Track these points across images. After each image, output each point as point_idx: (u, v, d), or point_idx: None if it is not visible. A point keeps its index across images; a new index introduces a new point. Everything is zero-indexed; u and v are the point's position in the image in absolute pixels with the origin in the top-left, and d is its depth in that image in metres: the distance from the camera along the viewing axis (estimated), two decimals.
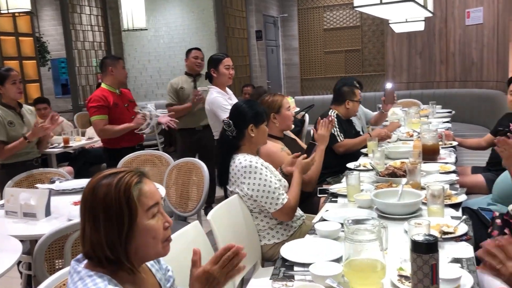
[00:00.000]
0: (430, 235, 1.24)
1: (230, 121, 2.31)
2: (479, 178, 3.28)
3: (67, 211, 2.41)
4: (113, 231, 1.09)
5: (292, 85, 8.39)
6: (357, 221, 1.52)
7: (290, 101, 4.13)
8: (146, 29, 6.32)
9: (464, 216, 1.90)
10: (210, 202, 4.24)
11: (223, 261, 1.21)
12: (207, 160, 3.36)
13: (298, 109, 4.38)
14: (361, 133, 3.99)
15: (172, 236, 1.70)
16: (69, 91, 7.52)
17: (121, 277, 1.12)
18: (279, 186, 2.25)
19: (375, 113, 4.49)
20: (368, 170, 2.89)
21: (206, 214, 2.93)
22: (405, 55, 7.25)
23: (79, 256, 1.14)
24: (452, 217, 1.99)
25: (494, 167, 3.37)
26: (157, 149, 4.42)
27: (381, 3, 2.36)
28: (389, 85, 4.26)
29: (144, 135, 3.98)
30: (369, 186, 2.44)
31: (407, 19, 4.48)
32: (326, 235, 1.85)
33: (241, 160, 2.25)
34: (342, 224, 1.92)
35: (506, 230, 2.05)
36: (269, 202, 2.23)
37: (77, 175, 4.59)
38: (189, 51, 4.48)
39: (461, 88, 6.79)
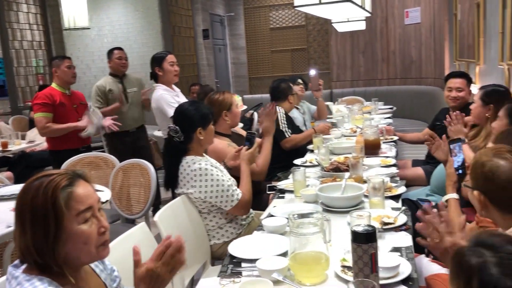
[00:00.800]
0: (369, 225, 1.30)
1: (177, 127, 2.26)
2: (419, 170, 3.44)
3: (5, 218, 2.31)
4: (39, 235, 1.06)
5: (241, 84, 8.43)
6: (302, 215, 1.56)
7: (237, 99, 4.17)
8: (89, 28, 6.13)
9: (403, 207, 1.99)
10: (156, 204, 4.17)
11: (166, 258, 1.19)
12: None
13: (246, 107, 4.41)
14: (305, 128, 4.14)
15: (118, 239, 1.67)
16: (6, 92, 7.16)
17: (62, 279, 1.10)
18: (231, 183, 2.27)
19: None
20: (314, 165, 2.96)
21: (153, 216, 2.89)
22: (349, 54, 7.47)
23: (16, 261, 1.11)
24: (393, 208, 2.09)
25: (432, 160, 3.53)
26: (103, 151, 4.30)
27: (320, 3, 2.43)
28: (312, 72, 4.46)
29: (91, 137, 3.88)
30: (314, 181, 2.51)
31: (348, 18, 4.62)
32: (272, 230, 1.89)
33: (190, 164, 2.24)
34: (288, 218, 1.97)
35: None
36: (224, 200, 2.23)
37: (18, 180, 4.39)
38: (111, 52, 4.24)
39: (402, 85, 7.09)
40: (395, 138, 3.62)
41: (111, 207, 3.21)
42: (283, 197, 2.43)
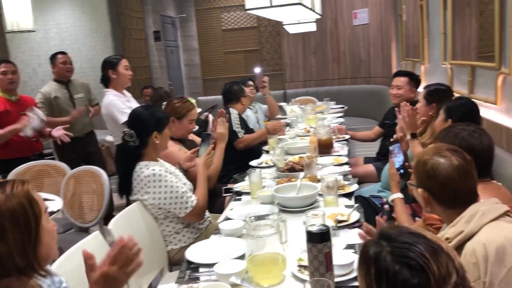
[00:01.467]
0: (323, 225, 1.33)
1: (132, 131, 2.22)
2: (370, 167, 3.55)
3: None
4: (22, 237, 1.09)
5: (194, 85, 8.36)
6: (259, 217, 1.58)
7: (192, 101, 4.15)
8: (34, 31, 5.89)
9: (356, 204, 2.05)
10: (109, 211, 4.06)
11: (121, 260, 1.16)
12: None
13: (200, 109, 4.40)
14: (259, 127, 4.20)
15: (72, 249, 1.63)
16: None
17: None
18: (186, 189, 2.24)
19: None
20: (270, 166, 2.99)
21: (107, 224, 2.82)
22: (301, 55, 7.58)
23: None
24: (346, 206, 2.14)
25: (383, 157, 3.66)
26: (53, 158, 4.15)
27: (271, 5, 2.45)
28: (257, 70, 4.55)
29: (42, 143, 3.72)
30: (270, 182, 2.54)
31: (299, 20, 4.70)
32: (230, 234, 1.89)
33: (144, 170, 2.20)
34: (245, 221, 1.98)
35: (393, 214, 2.25)
36: (178, 207, 2.21)
37: None
38: (54, 57, 4.07)
39: (352, 85, 7.28)
40: (347, 136, 3.71)
41: (63, 216, 3.11)
42: (239, 199, 2.44)
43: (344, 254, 1.55)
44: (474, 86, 2.85)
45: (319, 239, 1.28)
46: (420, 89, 3.44)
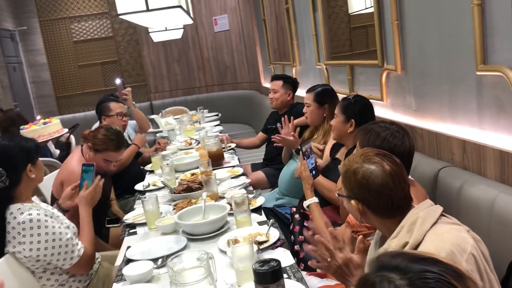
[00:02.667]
0: (271, 260, 1.13)
1: (1, 169, 1.76)
2: (260, 174, 3.45)
3: None
4: None
5: (46, 104, 7.47)
6: (176, 256, 1.32)
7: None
8: None
9: (272, 220, 1.88)
10: None
11: None
12: None
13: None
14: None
15: None
16: None
17: None
18: (70, 235, 1.83)
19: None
20: (159, 188, 2.69)
21: None
22: (164, 64, 7.27)
23: None
24: (259, 223, 1.97)
25: (270, 162, 3.59)
26: None
27: (147, 10, 2.18)
28: (117, 81, 4.31)
29: None
30: (167, 207, 2.25)
31: (166, 27, 4.43)
32: (137, 280, 1.58)
33: (16, 215, 1.74)
34: (153, 260, 1.68)
35: (305, 223, 2.14)
36: (62, 258, 1.79)
37: None
38: None
39: (220, 92, 7.21)
40: (233, 145, 3.56)
41: None
42: (135, 233, 2.10)
43: (291, 285, 1.35)
44: (355, 85, 2.92)
45: (271, 279, 1.08)
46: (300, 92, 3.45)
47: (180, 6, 2.20)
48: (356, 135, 1.71)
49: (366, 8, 2.64)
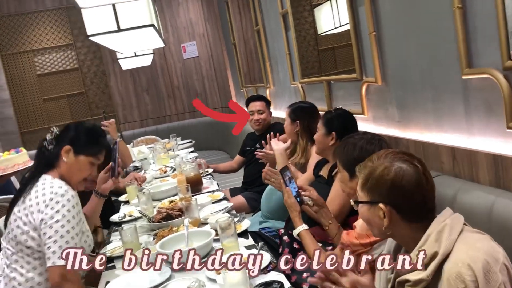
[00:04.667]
0: (273, 282, 1.02)
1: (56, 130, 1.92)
2: (240, 199, 3.34)
3: None
4: None
5: (10, 141, 7.15)
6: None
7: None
8: None
9: (261, 243, 1.77)
10: None
11: None
12: None
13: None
14: None
15: None
16: None
17: None
18: (77, 240, 1.77)
19: None
20: (136, 218, 2.54)
21: None
22: (132, 93, 7.13)
23: None
24: (246, 247, 1.86)
25: (250, 185, 3.49)
26: None
27: (118, 30, 2.09)
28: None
29: None
30: (146, 238, 2.10)
31: (136, 53, 4.34)
32: None
33: (46, 185, 1.77)
34: None
35: (294, 245, 2.04)
36: (52, 251, 1.68)
37: None
38: None
39: (192, 119, 7.10)
40: (210, 170, 3.45)
41: None
42: (113, 267, 1.94)
43: None
44: (333, 100, 2.88)
45: None
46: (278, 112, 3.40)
47: (152, 25, 2.11)
48: (334, 151, 1.65)
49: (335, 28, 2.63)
